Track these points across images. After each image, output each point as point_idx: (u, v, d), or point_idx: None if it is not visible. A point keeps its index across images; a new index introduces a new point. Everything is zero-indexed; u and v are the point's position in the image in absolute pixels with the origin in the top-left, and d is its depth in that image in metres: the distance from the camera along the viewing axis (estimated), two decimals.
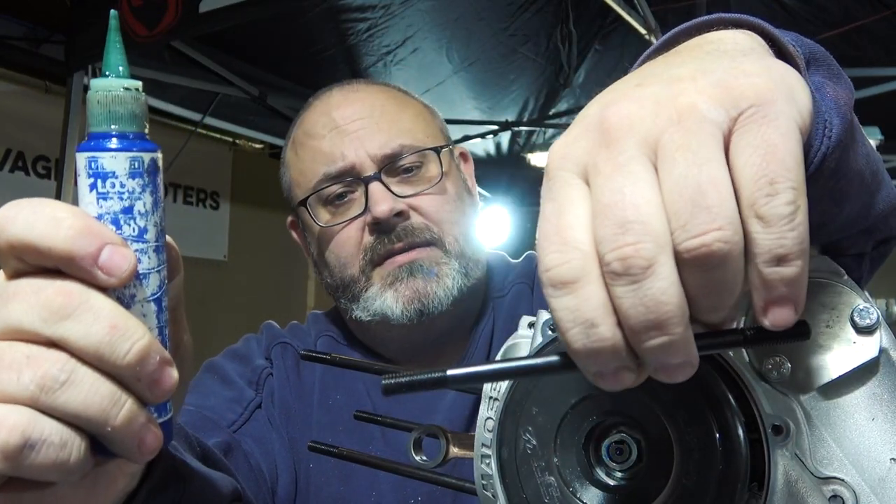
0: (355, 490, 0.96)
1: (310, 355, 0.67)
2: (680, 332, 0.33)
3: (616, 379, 0.35)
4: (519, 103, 4.52)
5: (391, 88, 1.06)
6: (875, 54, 3.51)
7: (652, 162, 0.34)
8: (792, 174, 0.33)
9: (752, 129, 0.34)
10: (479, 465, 0.54)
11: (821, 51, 0.52)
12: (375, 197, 0.93)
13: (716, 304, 0.34)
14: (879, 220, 0.57)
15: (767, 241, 0.33)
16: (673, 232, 0.33)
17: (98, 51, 3.04)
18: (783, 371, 0.46)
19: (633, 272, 0.32)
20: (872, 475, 0.45)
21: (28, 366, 0.37)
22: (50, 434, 0.37)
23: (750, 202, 0.33)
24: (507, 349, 0.57)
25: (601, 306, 0.33)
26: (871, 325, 0.45)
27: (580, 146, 0.36)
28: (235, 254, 4.90)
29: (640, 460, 0.48)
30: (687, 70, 0.37)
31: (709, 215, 0.32)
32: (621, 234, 0.33)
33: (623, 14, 2.84)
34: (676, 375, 0.35)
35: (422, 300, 0.92)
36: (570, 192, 0.36)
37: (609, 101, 0.37)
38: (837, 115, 0.46)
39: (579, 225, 0.34)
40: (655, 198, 0.33)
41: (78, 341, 0.37)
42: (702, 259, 0.32)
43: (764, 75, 0.36)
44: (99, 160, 0.41)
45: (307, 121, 1.02)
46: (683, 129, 0.34)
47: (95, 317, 0.38)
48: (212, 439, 0.83)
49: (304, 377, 1.02)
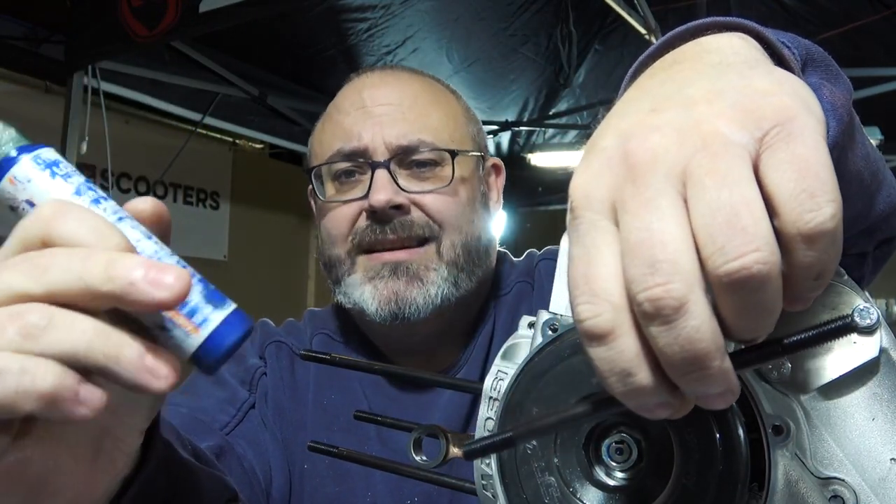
0: (351, 491, 0.95)
1: (309, 355, 0.67)
2: (717, 365, 0.33)
3: (658, 412, 0.35)
4: (519, 103, 4.52)
5: (433, 83, 1.04)
6: (875, 54, 3.51)
7: (680, 193, 0.34)
8: (829, 187, 0.33)
9: (780, 147, 0.34)
10: (479, 465, 0.54)
11: (818, 51, 0.52)
12: (377, 184, 0.92)
13: (755, 326, 0.34)
14: (881, 220, 0.57)
15: (810, 258, 0.33)
16: (709, 258, 0.32)
17: (98, 51, 3.05)
18: (783, 371, 0.46)
19: (665, 313, 0.32)
20: (873, 475, 0.45)
21: (10, 320, 0.38)
22: (35, 365, 0.37)
23: (792, 219, 0.32)
24: (507, 349, 0.57)
25: (636, 356, 0.34)
26: (872, 326, 0.45)
27: (604, 183, 0.36)
28: (235, 254, 4.90)
29: (641, 460, 0.48)
30: (699, 91, 0.37)
31: (745, 237, 0.31)
32: (650, 274, 0.32)
33: (623, 14, 2.84)
34: (717, 403, 0.35)
35: (399, 303, 0.91)
36: (597, 236, 0.35)
37: (628, 132, 0.36)
38: (834, 117, 0.46)
39: (609, 274, 0.34)
40: (684, 233, 0.33)
41: (64, 283, 0.38)
42: (741, 282, 0.32)
43: (779, 92, 0.35)
44: (41, 154, 0.44)
45: (340, 95, 1.02)
46: (710, 153, 0.34)
47: (84, 256, 0.39)
48: (204, 443, 0.83)
49: (299, 376, 1.01)
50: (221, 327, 0.43)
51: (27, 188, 0.43)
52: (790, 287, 0.34)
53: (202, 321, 0.42)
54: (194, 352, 0.42)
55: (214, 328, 0.43)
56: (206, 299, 0.43)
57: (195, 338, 0.42)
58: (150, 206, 0.46)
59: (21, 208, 0.43)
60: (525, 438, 0.41)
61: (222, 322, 0.43)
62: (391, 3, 3.40)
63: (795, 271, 0.33)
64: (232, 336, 0.43)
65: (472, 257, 0.96)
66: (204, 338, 0.42)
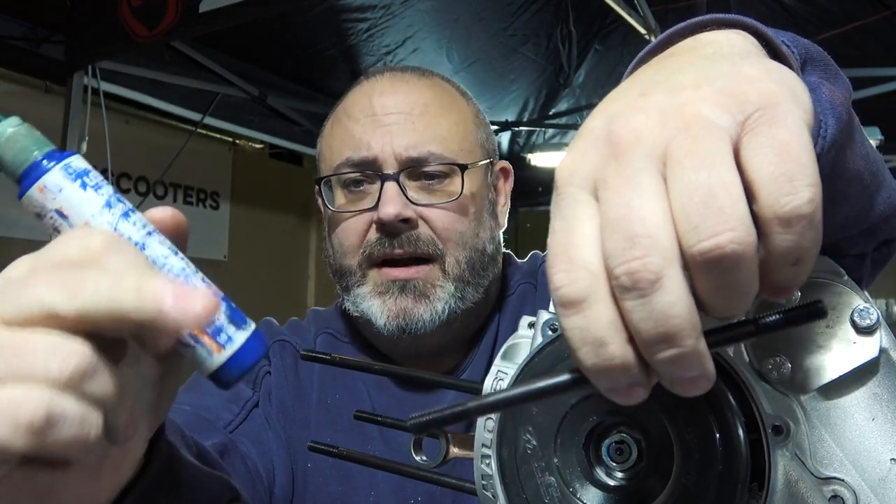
0: (354, 490, 0.95)
1: (310, 355, 0.67)
2: (691, 343, 0.33)
3: (628, 394, 0.35)
4: (519, 103, 4.52)
5: (445, 87, 1.03)
6: (875, 54, 3.51)
7: (661, 173, 0.34)
8: (809, 170, 0.33)
9: (762, 131, 0.34)
10: (479, 465, 0.54)
11: (817, 50, 0.52)
12: (386, 197, 0.92)
13: (729, 306, 0.34)
14: (880, 220, 0.57)
15: (787, 242, 0.33)
16: (684, 236, 0.32)
17: (98, 51, 3.05)
18: (783, 371, 0.46)
19: (641, 286, 0.32)
20: (872, 475, 0.45)
21: (54, 357, 0.38)
22: (72, 411, 0.38)
23: (769, 202, 0.33)
24: (507, 349, 0.57)
25: (610, 325, 0.33)
26: (871, 326, 0.45)
27: (588, 161, 0.36)
28: (235, 254, 4.90)
29: (641, 460, 0.48)
30: (688, 77, 0.37)
31: (721, 216, 0.32)
32: (629, 248, 0.32)
33: (623, 14, 2.84)
34: (692, 389, 0.35)
35: (406, 319, 0.92)
36: (578, 208, 0.35)
37: (615, 114, 0.37)
38: (833, 116, 0.46)
39: (587, 243, 0.34)
40: (663, 210, 0.33)
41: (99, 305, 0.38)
42: (715, 261, 0.32)
43: (765, 79, 0.36)
44: (71, 164, 0.43)
45: (350, 98, 1.01)
46: (691, 135, 0.34)
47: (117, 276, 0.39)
48: (208, 441, 0.83)
49: (303, 376, 1.01)
50: (244, 348, 0.44)
51: (58, 198, 0.43)
52: (769, 273, 0.34)
53: (226, 341, 0.43)
54: (215, 370, 0.43)
55: (237, 348, 0.43)
56: (229, 319, 0.43)
57: (218, 357, 0.43)
58: (170, 217, 0.46)
59: (49, 217, 0.43)
60: (479, 412, 0.40)
61: (245, 342, 0.44)
62: (391, 3, 3.40)
63: (773, 256, 0.33)
64: (253, 356, 0.44)
65: (478, 270, 0.97)
66: (227, 357, 0.43)
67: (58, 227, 0.43)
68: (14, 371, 0.38)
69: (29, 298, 0.39)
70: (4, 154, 0.43)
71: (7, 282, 0.41)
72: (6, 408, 0.37)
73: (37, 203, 0.43)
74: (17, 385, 0.37)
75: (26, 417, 0.37)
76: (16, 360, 0.38)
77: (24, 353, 0.38)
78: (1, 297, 0.40)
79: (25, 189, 0.43)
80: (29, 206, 0.43)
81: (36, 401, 0.37)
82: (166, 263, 0.43)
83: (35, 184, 0.42)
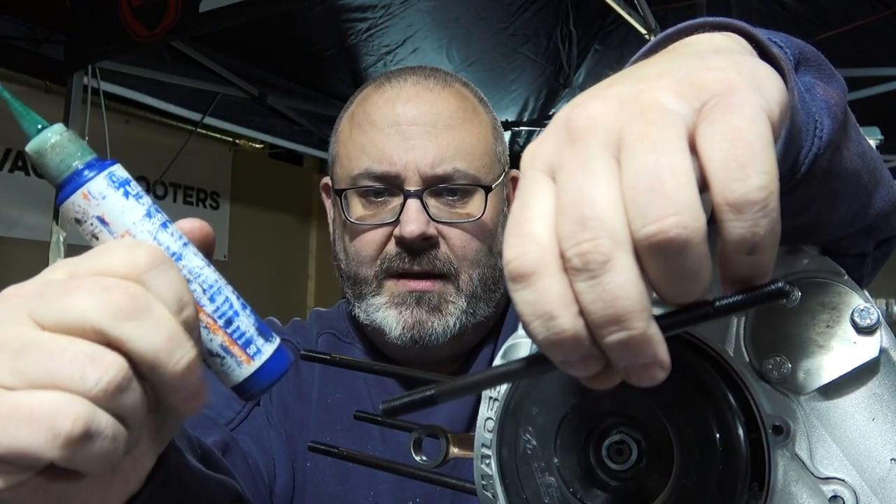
0: (353, 490, 0.95)
1: (309, 355, 0.67)
2: (641, 326, 0.33)
3: (584, 366, 0.35)
4: (519, 103, 4.52)
5: (467, 96, 1.02)
6: (875, 54, 3.51)
7: (615, 157, 0.34)
8: (762, 157, 0.33)
9: (716, 118, 0.34)
10: (479, 466, 0.54)
11: (811, 51, 0.52)
12: (409, 215, 0.91)
13: (680, 292, 0.34)
14: (879, 219, 0.57)
15: (739, 229, 0.33)
16: (632, 220, 0.33)
17: (98, 51, 3.05)
18: (783, 371, 0.46)
19: (592, 267, 0.33)
20: (873, 475, 0.45)
21: (92, 366, 0.38)
22: (106, 427, 0.38)
23: (720, 188, 0.33)
24: (507, 349, 0.57)
25: (559, 297, 0.34)
26: (872, 325, 0.45)
27: (548, 146, 0.37)
28: (235, 254, 4.90)
29: (640, 460, 0.48)
30: (655, 70, 0.38)
31: (665, 201, 0.32)
32: (580, 230, 0.33)
33: (623, 14, 2.84)
34: (645, 378, 0.34)
35: (420, 331, 0.93)
36: (535, 187, 0.36)
37: (576, 103, 0.38)
38: (828, 116, 0.46)
39: (539, 219, 0.35)
40: (614, 194, 0.33)
41: (137, 344, 0.39)
42: (660, 246, 0.32)
43: (728, 68, 0.36)
44: (114, 172, 0.44)
45: (371, 101, 0.98)
46: (645, 121, 0.34)
47: (157, 323, 0.39)
48: (210, 438, 0.83)
49: (303, 375, 1.01)
50: (272, 359, 0.45)
51: (101, 205, 0.43)
52: (726, 264, 0.34)
53: (255, 353, 0.45)
54: (243, 380, 0.44)
55: (266, 360, 0.45)
56: (258, 332, 0.45)
57: (247, 368, 0.44)
58: (198, 228, 0.47)
59: (90, 223, 0.44)
60: (447, 396, 0.40)
61: (272, 354, 0.45)
62: (391, 3, 3.39)
63: (727, 244, 0.33)
64: (279, 369, 0.45)
65: (490, 286, 0.97)
66: (255, 369, 0.44)
67: (97, 233, 0.44)
68: (51, 376, 0.37)
69: (73, 307, 0.39)
70: (49, 161, 0.43)
71: (47, 284, 0.40)
72: (44, 415, 0.37)
73: (79, 209, 0.43)
74: (56, 392, 0.37)
75: (65, 428, 0.37)
76: (53, 365, 0.37)
77: (62, 360, 0.38)
78: (40, 299, 0.40)
79: (68, 195, 0.43)
80: (69, 211, 0.44)
81: (76, 412, 0.37)
82: (201, 274, 0.44)
83: (79, 190, 0.43)
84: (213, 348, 0.44)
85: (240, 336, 0.44)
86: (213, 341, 0.44)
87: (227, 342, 0.44)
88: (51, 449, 0.37)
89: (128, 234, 0.44)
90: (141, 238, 0.44)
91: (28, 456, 0.37)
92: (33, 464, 0.38)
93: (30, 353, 0.38)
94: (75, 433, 0.37)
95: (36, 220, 3.72)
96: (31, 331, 0.39)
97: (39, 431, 0.36)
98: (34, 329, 0.39)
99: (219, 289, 0.45)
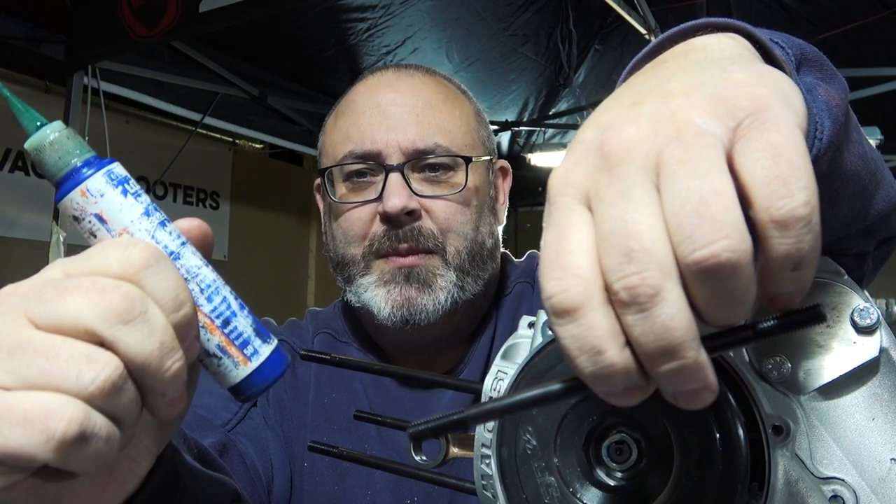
0: (351, 490, 0.95)
1: (309, 355, 0.67)
2: (692, 355, 0.33)
3: (627, 397, 0.35)
4: (519, 103, 4.52)
5: (448, 85, 1.04)
6: (875, 54, 3.51)
7: (654, 183, 0.34)
8: (803, 173, 0.32)
9: (754, 136, 0.34)
10: (479, 466, 0.54)
11: (813, 51, 0.51)
12: (391, 189, 0.92)
13: (727, 315, 0.34)
14: (879, 219, 0.57)
15: (785, 245, 0.32)
16: (679, 246, 0.32)
17: (98, 51, 3.05)
18: (783, 371, 0.46)
19: (641, 300, 0.32)
20: (873, 475, 0.45)
21: (88, 366, 0.38)
22: (101, 428, 0.38)
23: (764, 206, 0.32)
24: (507, 349, 0.57)
25: (606, 332, 0.33)
26: (872, 325, 0.45)
27: (581, 171, 0.36)
28: (235, 254, 4.90)
29: (640, 460, 0.48)
30: (679, 84, 0.37)
31: (714, 225, 0.31)
32: (626, 262, 0.32)
33: (623, 14, 2.84)
34: (694, 402, 0.34)
35: (410, 309, 0.92)
36: (571, 216, 0.35)
37: (606, 124, 0.37)
38: (829, 117, 0.46)
39: (579, 250, 0.34)
40: (657, 222, 0.33)
41: (130, 348, 0.39)
42: (711, 270, 0.32)
43: (756, 84, 0.35)
44: (113, 170, 0.44)
45: (354, 91, 1.01)
46: (683, 143, 0.34)
47: (150, 329, 0.39)
48: (207, 439, 0.83)
49: (300, 375, 1.01)
50: (268, 361, 0.45)
51: (99, 202, 0.43)
52: (769, 280, 0.34)
53: (252, 353, 0.44)
54: (239, 382, 0.44)
55: (263, 361, 0.45)
56: (255, 332, 0.44)
57: (244, 369, 0.44)
58: (196, 227, 0.47)
59: (88, 220, 0.43)
60: (477, 420, 0.39)
61: (269, 356, 0.45)
62: (391, 3, 3.39)
63: (772, 262, 0.33)
64: (276, 370, 0.45)
65: (478, 262, 0.97)
66: (252, 369, 0.44)
67: (95, 231, 0.44)
68: (46, 375, 0.37)
69: (67, 309, 0.39)
70: (48, 158, 0.43)
71: (43, 284, 0.40)
72: (38, 417, 0.37)
73: (77, 206, 0.43)
74: (50, 393, 0.37)
75: (59, 430, 0.37)
76: (48, 364, 0.37)
77: (57, 359, 0.38)
78: (35, 298, 0.40)
79: (66, 192, 0.43)
80: (67, 209, 0.44)
81: (71, 414, 0.37)
82: (199, 274, 0.44)
83: (77, 187, 0.43)
84: (209, 348, 0.44)
85: (237, 336, 0.44)
86: (210, 341, 0.44)
87: (224, 342, 0.43)
88: (45, 451, 0.37)
89: (126, 232, 0.43)
90: (139, 236, 0.43)
91: (21, 457, 0.37)
92: (27, 465, 0.38)
93: (25, 351, 0.38)
94: (69, 435, 0.37)
95: (36, 220, 3.72)
96: (27, 330, 0.39)
97: (33, 433, 0.36)
98: (29, 328, 0.39)
99: (216, 289, 0.44)
